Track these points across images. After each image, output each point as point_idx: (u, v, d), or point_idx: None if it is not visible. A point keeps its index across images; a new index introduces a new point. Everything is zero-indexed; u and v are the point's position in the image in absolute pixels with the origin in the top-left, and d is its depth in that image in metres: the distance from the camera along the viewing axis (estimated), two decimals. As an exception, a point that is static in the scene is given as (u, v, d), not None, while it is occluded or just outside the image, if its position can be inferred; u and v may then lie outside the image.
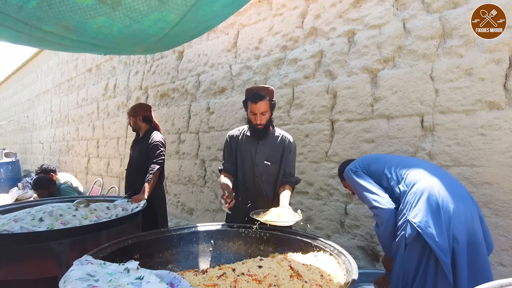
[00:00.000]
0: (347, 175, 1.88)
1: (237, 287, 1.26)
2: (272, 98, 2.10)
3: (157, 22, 1.89)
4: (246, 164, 2.14)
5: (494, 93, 2.04)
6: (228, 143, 2.21)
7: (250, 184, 2.14)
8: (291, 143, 2.17)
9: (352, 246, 2.68)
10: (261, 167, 2.10)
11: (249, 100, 2.04)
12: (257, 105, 2.02)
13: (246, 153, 2.14)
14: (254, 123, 2.07)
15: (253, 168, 2.11)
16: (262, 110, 2.03)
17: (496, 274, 1.99)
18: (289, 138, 2.18)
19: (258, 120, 2.05)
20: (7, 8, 1.64)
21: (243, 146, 2.16)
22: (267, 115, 2.07)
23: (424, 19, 2.31)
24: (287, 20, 3.14)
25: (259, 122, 2.05)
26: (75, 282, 1.17)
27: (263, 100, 2.01)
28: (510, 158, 1.99)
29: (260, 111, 2.02)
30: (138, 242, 1.81)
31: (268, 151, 2.12)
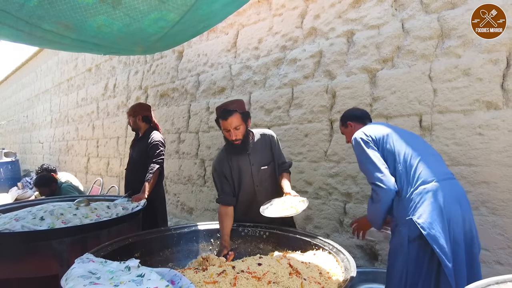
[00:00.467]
0: (356, 142, 1.79)
1: (237, 284, 1.27)
2: (243, 109, 2.02)
3: (157, 21, 1.90)
4: (244, 180, 2.08)
5: (492, 93, 2.06)
6: (221, 171, 2.09)
7: (251, 194, 2.09)
8: (272, 137, 2.17)
9: (351, 245, 2.70)
10: (260, 174, 2.08)
11: (220, 118, 1.97)
12: (228, 121, 1.93)
13: (242, 170, 2.07)
14: (231, 140, 1.99)
15: (251, 179, 2.07)
16: (234, 125, 1.94)
17: (493, 273, 2.01)
18: (269, 133, 2.18)
19: (233, 136, 1.96)
20: (8, 6, 1.65)
21: (237, 165, 2.08)
22: (242, 128, 1.98)
23: (423, 19, 2.32)
24: (286, 20, 3.16)
25: (235, 138, 1.97)
26: (77, 279, 1.18)
27: (233, 114, 1.93)
28: (508, 157, 2.01)
29: (233, 127, 1.94)
30: (138, 240, 1.83)
31: (260, 156, 2.09)
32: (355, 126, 1.96)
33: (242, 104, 2.06)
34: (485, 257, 2.08)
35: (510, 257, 2.00)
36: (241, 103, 2.05)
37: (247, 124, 2.03)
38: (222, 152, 2.14)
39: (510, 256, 2.00)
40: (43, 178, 3.62)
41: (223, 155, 2.12)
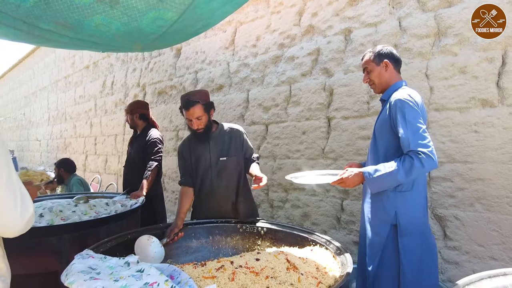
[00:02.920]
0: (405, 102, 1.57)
1: (235, 279, 1.29)
2: (206, 100, 2.08)
3: (155, 20, 1.90)
4: (203, 169, 2.16)
5: (487, 91, 2.08)
6: (182, 155, 2.22)
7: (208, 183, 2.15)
8: (239, 131, 2.23)
9: (348, 242, 2.72)
10: (218, 165, 2.13)
11: (182, 107, 2.06)
12: (190, 111, 2.02)
13: (201, 156, 2.16)
14: (193, 129, 2.09)
15: (210, 169, 2.14)
16: (197, 115, 2.02)
17: (487, 268, 2.04)
18: (236, 128, 2.24)
19: (195, 126, 2.06)
20: (4, 6, 1.65)
21: (196, 152, 2.17)
22: (204, 118, 2.06)
23: (420, 17, 2.34)
24: (284, 18, 3.17)
25: (196, 127, 2.06)
26: (77, 274, 1.20)
27: (195, 105, 2.01)
28: (503, 154, 2.03)
29: (195, 117, 2.03)
30: (137, 237, 1.84)
31: (221, 147, 2.15)
32: (389, 68, 1.74)
33: (206, 95, 2.12)
34: (480, 252, 2.11)
35: (504, 252, 2.03)
36: (204, 94, 2.11)
37: (210, 115, 2.11)
38: (187, 139, 2.25)
39: (504, 252, 2.03)
40: (67, 161, 3.94)
41: (187, 141, 2.24)
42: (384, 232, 1.66)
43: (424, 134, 1.53)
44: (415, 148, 1.50)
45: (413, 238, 1.61)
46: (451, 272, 2.22)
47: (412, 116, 1.56)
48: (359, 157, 2.64)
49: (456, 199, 2.20)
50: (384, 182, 1.58)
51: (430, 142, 1.53)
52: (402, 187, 1.62)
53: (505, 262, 2.02)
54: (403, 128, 1.55)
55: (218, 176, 2.14)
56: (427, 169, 1.53)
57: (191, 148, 2.19)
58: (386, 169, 1.56)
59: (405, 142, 1.54)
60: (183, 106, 2.05)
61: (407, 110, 1.56)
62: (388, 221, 1.64)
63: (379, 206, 1.69)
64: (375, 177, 1.59)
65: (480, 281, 1.07)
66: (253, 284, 1.28)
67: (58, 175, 3.82)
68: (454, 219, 2.21)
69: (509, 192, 2.02)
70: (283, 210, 3.19)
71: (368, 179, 1.61)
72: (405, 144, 1.54)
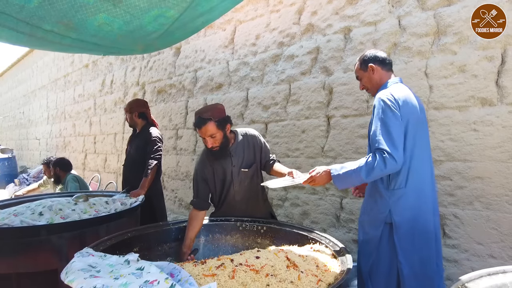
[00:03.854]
0: (379, 103, 1.60)
1: (235, 277, 1.30)
2: (220, 116, 1.95)
3: (157, 18, 1.91)
4: (225, 182, 2.08)
5: (487, 90, 2.08)
6: (200, 175, 2.08)
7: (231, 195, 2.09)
8: (255, 137, 2.13)
9: (348, 240, 2.73)
10: (240, 176, 2.06)
11: (195, 125, 1.96)
12: (202, 130, 1.92)
13: (223, 171, 2.06)
14: (208, 147, 1.98)
15: (231, 180, 2.06)
16: (210, 134, 1.92)
17: (486, 266, 2.04)
18: (251, 134, 2.14)
19: (209, 144, 1.95)
20: (8, 8, 1.65)
21: (220, 168, 2.06)
22: (218, 136, 1.94)
23: (419, 16, 2.34)
24: (284, 16, 3.16)
25: (211, 145, 1.95)
26: (77, 272, 1.20)
27: (207, 123, 1.90)
28: (502, 153, 2.04)
29: (208, 135, 1.92)
30: (137, 235, 1.85)
31: (242, 157, 2.07)
32: (377, 71, 1.74)
33: (220, 111, 1.99)
34: (479, 251, 2.12)
35: (503, 250, 2.04)
36: (217, 110, 1.98)
37: (226, 131, 1.98)
38: (205, 153, 2.10)
39: (503, 250, 2.04)
40: (62, 160, 3.95)
41: (205, 157, 2.08)
42: (378, 230, 1.66)
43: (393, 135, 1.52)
44: (381, 147, 1.51)
45: (408, 235, 1.59)
46: (450, 270, 2.23)
47: (386, 115, 1.56)
48: (358, 155, 2.65)
49: (455, 197, 2.21)
50: (349, 179, 1.59)
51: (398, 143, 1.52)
52: (395, 185, 1.60)
53: (504, 260, 2.03)
54: (375, 126, 1.58)
55: (239, 187, 2.07)
56: (388, 171, 1.52)
57: (212, 164, 2.05)
58: (352, 166, 1.58)
59: (373, 139, 1.56)
60: (195, 125, 1.95)
61: (382, 110, 1.57)
62: (382, 219, 1.64)
63: (373, 204, 1.69)
64: (341, 174, 1.61)
65: (479, 278, 1.08)
66: (253, 282, 1.29)
67: (54, 174, 3.86)
68: (453, 218, 2.22)
69: (508, 191, 2.02)
70: (283, 208, 3.20)
71: (334, 176, 1.62)
72: (373, 142, 1.56)
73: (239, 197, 2.09)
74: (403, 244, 1.59)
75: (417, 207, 1.63)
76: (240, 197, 2.09)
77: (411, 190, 1.62)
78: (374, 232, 1.67)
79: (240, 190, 2.08)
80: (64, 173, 3.84)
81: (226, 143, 2.00)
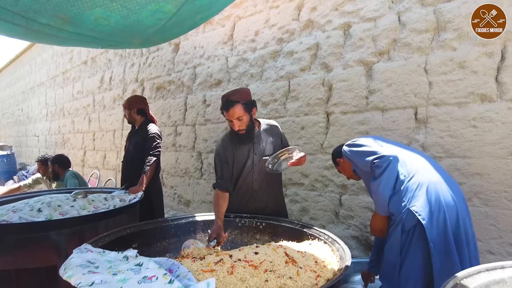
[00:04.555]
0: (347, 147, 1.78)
1: (234, 273, 1.30)
2: (247, 99, 1.99)
3: (154, 13, 1.89)
4: (245, 167, 2.10)
5: (486, 86, 2.08)
6: (223, 156, 2.10)
7: (250, 182, 2.11)
8: (277, 127, 2.21)
9: (347, 236, 2.73)
10: (261, 164, 2.09)
11: (222, 108, 1.98)
12: (230, 112, 1.94)
13: (244, 156, 2.08)
14: (235, 130, 2.01)
15: (252, 168, 2.09)
16: (237, 116, 1.94)
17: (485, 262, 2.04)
18: (274, 124, 2.21)
19: (236, 127, 1.97)
20: (3, 1, 1.64)
21: (240, 152, 2.09)
22: (245, 118, 1.97)
23: (419, 12, 2.33)
24: (283, 12, 3.15)
25: (238, 128, 1.98)
26: (76, 268, 1.20)
27: (235, 105, 1.92)
28: (501, 149, 2.04)
29: (235, 117, 1.95)
30: (136, 231, 1.85)
31: (264, 145, 2.11)
32: (344, 160, 1.92)
33: (246, 94, 2.03)
34: (478, 247, 2.11)
35: (502, 247, 2.04)
36: (244, 93, 2.01)
37: (252, 114, 2.02)
38: (227, 137, 2.12)
39: (501, 246, 2.05)
40: (60, 157, 3.92)
41: (228, 140, 2.11)
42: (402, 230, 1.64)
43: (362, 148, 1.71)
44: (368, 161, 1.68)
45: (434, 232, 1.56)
46: (448, 266, 2.23)
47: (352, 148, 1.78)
48: (357, 152, 2.65)
49: (454, 193, 2.21)
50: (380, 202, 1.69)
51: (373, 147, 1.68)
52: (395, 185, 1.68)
53: (502, 256, 2.04)
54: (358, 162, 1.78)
55: (258, 175, 2.09)
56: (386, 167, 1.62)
57: (233, 148, 2.08)
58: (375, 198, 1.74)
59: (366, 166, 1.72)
60: (223, 107, 1.96)
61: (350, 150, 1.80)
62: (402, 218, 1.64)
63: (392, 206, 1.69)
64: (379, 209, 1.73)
65: (478, 274, 1.08)
66: (252, 277, 1.29)
67: (53, 171, 3.84)
68: (452, 214, 2.22)
69: (507, 187, 2.03)
70: (282, 205, 3.20)
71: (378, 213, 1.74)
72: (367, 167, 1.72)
73: (257, 185, 2.11)
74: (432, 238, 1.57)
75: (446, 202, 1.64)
76: (257, 186, 2.11)
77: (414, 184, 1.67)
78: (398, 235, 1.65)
79: (259, 179, 2.10)
80: (63, 170, 3.83)
81: (252, 126, 2.03)
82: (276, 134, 2.18)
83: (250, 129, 2.02)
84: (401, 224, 1.60)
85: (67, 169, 3.87)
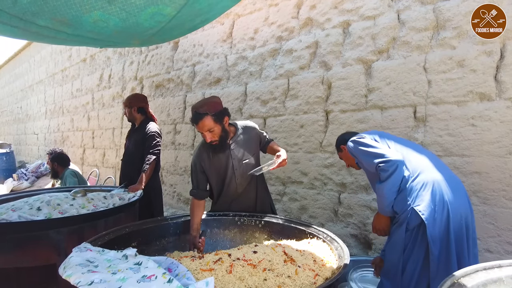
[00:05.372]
0: (353, 144, 1.78)
1: (233, 272, 1.30)
2: (216, 110, 1.92)
3: (153, 16, 1.88)
4: (226, 174, 2.07)
5: (485, 85, 2.08)
6: (197, 167, 2.07)
7: (233, 187, 2.10)
8: (253, 127, 2.16)
9: (345, 234, 2.74)
10: (242, 168, 2.07)
11: (192, 121, 1.94)
12: (199, 125, 1.90)
13: (222, 164, 2.06)
14: (207, 142, 1.96)
15: (233, 173, 2.06)
16: (207, 128, 1.90)
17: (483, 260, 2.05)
18: (250, 125, 2.16)
19: (208, 139, 1.93)
20: (1, 3, 1.63)
21: (218, 161, 2.05)
22: (216, 129, 1.92)
23: (418, 10, 2.33)
24: (282, 10, 3.14)
25: (210, 140, 1.94)
26: (75, 267, 1.20)
27: (204, 118, 1.88)
28: (499, 148, 2.04)
29: (205, 130, 1.90)
30: (135, 230, 1.85)
31: (243, 151, 2.07)
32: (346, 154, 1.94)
33: (216, 104, 1.95)
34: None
35: (500, 245, 2.05)
36: (213, 104, 1.94)
37: (224, 123, 1.97)
38: (202, 147, 2.08)
39: (499, 244, 2.05)
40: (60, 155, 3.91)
41: (203, 149, 2.07)
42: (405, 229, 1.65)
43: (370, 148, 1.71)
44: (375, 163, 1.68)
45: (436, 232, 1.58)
46: (447, 265, 2.24)
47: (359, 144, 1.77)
48: (356, 151, 2.65)
49: (452, 192, 2.22)
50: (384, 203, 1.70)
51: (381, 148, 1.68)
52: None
53: (500, 254, 2.04)
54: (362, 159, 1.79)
55: (241, 178, 2.08)
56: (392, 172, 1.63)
57: (210, 158, 2.05)
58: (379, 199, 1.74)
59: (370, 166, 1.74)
60: (192, 120, 1.93)
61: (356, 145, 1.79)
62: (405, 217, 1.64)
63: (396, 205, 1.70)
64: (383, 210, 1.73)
65: (475, 273, 1.08)
66: (251, 276, 1.29)
67: (52, 169, 3.85)
68: (450, 212, 2.23)
69: (505, 186, 2.03)
70: (281, 203, 3.20)
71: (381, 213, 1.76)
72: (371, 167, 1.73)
73: (241, 189, 2.10)
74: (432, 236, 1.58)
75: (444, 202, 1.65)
76: (242, 189, 2.11)
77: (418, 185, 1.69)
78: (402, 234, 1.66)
79: (243, 183, 2.09)
80: (62, 168, 3.83)
81: (225, 136, 1.99)
82: (254, 136, 2.14)
83: (223, 139, 1.98)
84: (406, 223, 1.61)
85: (66, 167, 3.86)
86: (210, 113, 1.89)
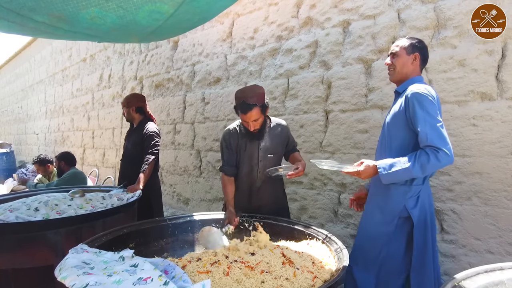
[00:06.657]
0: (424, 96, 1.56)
1: (230, 274, 1.28)
2: (263, 101, 2.00)
3: (151, 14, 1.87)
4: (247, 162, 2.13)
5: (486, 84, 2.06)
6: (227, 143, 2.15)
7: (254, 177, 2.15)
8: (286, 127, 2.23)
9: (345, 235, 2.72)
10: (265, 161, 2.12)
11: (239, 110, 1.98)
12: (247, 115, 1.96)
13: (249, 151, 2.11)
14: (250, 130, 2.04)
15: (257, 163, 2.12)
16: (254, 118, 1.97)
17: (484, 262, 2.04)
18: (284, 123, 2.23)
19: (252, 128, 2.01)
20: None
21: (244, 145, 2.12)
22: (260, 120, 2.01)
23: (419, 9, 2.30)
24: (282, 9, 3.12)
25: (253, 129, 2.02)
26: (71, 269, 1.19)
27: (253, 109, 1.94)
28: (501, 148, 2.02)
29: (252, 120, 1.97)
30: (133, 231, 1.84)
31: (270, 144, 2.13)
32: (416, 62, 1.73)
33: (262, 95, 2.01)
34: (477, 246, 2.11)
35: (501, 246, 2.03)
36: (261, 96, 2.00)
37: (265, 114, 2.06)
38: (234, 128, 2.16)
39: (500, 245, 2.03)
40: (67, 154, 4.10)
41: (236, 130, 2.15)
42: (391, 226, 1.69)
43: (441, 130, 1.53)
44: (433, 144, 1.50)
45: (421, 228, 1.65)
46: (447, 266, 2.22)
47: (430, 109, 1.55)
48: (356, 151, 2.63)
49: (453, 192, 2.20)
50: (398, 176, 1.60)
51: (447, 138, 1.53)
52: (414, 181, 1.66)
53: (501, 255, 2.02)
54: (421, 122, 1.54)
55: (261, 172, 2.11)
56: (443, 165, 1.54)
57: (239, 140, 2.12)
58: (402, 165, 1.57)
59: (422, 136, 1.53)
60: (240, 110, 1.96)
61: (426, 104, 1.55)
62: (396, 214, 1.68)
63: (386, 201, 1.72)
64: (390, 173, 1.60)
65: (476, 275, 1.06)
66: (248, 278, 1.28)
67: (58, 167, 3.95)
68: (451, 213, 2.21)
69: (507, 186, 2.01)
70: (281, 203, 3.19)
71: (383, 174, 1.62)
72: (422, 139, 1.54)
73: (259, 183, 2.14)
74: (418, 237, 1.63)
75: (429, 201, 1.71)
76: (259, 184, 2.14)
77: (426, 186, 1.71)
78: (386, 228, 1.70)
79: (261, 177, 2.13)
80: (68, 167, 3.92)
81: (265, 125, 2.09)
82: (285, 135, 2.20)
83: (263, 128, 2.07)
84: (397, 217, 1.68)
85: (72, 167, 3.96)
86: (258, 104, 1.96)
